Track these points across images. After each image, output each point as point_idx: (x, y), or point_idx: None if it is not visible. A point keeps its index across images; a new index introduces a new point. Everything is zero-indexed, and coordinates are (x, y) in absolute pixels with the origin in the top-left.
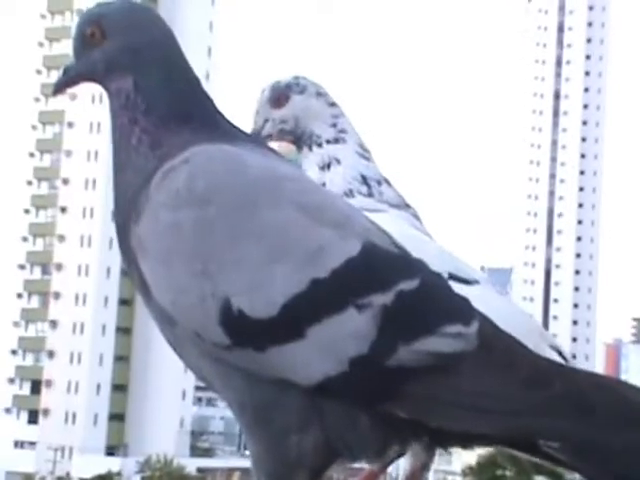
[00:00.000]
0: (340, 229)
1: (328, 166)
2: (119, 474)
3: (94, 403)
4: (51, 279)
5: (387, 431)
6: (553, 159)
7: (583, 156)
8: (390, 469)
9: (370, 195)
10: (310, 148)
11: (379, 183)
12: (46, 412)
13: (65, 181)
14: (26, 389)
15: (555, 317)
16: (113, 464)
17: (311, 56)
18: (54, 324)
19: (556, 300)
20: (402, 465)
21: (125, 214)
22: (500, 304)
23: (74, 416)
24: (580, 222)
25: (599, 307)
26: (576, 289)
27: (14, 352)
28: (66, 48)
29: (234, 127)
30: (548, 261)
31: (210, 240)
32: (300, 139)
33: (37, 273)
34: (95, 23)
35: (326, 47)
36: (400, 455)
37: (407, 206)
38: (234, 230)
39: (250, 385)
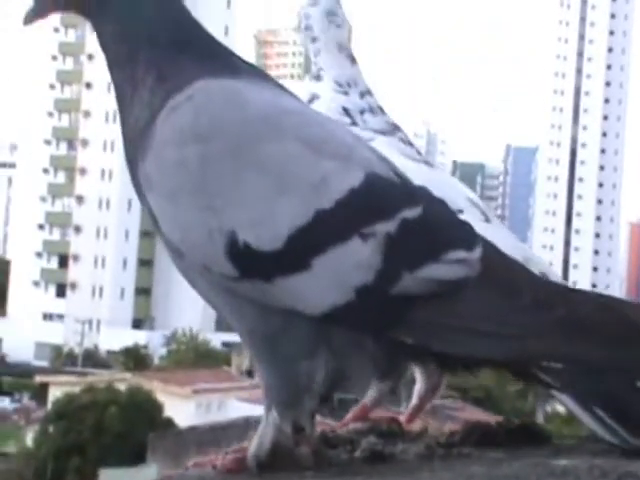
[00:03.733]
0: (342, 160)
1: (310, 102)
2: (145, 347)
3: (120, 277)
4: (77, 155)
5: (393, 356)
6: (581, 37)
7: (612, 33)
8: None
9: (354, 124)
10: None
11: (362, 112)
12: (73, 286)
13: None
14: (54, 263)
15: (580, 196)
16: (140, 337)
17: None
18: (80, 199)
19: (581, 179)
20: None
21: (134, 149)
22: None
23: (101, 290)
24: (607, 101)
25: (624, 186)
26: (601, 168)
27: (41, 227)
28: None
29: (233, 55)
30: (574, 140)
31: (214, 175)
32: None
33: (63, 149)
34: None
35: None
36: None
37: (394, 130)
38: (238, 165)
39: (259, 315)
